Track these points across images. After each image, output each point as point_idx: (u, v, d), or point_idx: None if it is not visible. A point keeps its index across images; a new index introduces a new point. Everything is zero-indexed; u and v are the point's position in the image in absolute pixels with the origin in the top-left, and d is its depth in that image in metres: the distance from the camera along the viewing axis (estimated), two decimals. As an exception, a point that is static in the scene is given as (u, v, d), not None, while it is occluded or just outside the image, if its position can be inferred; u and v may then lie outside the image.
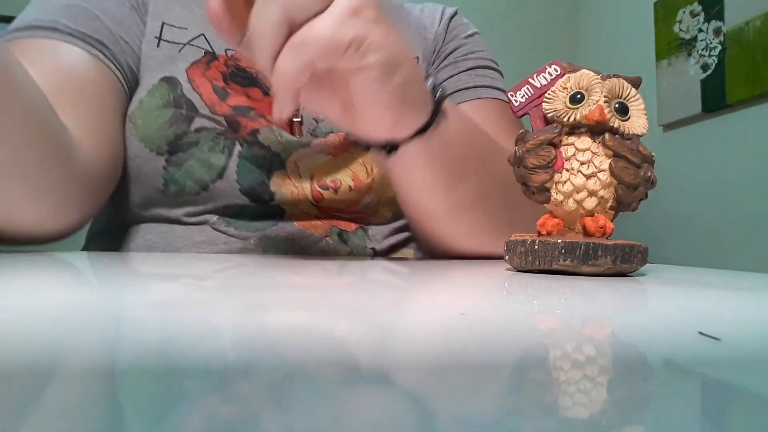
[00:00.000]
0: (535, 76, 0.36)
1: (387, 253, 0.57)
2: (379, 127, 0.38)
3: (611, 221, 0.33)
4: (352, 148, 0.55)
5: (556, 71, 0.35)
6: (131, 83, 0.53)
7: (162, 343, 0.13)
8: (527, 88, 0.36)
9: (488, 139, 0.48)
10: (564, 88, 0.34)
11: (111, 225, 0.57)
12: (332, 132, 0.55)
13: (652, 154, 0.33)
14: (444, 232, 0.48)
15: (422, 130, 0.40)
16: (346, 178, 0.55)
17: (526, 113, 0.36)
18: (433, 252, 0.53)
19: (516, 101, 0.36)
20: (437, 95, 0.40)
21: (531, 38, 2.21)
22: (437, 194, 0.44)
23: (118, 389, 0.10)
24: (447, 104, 0.42)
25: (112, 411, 0.09)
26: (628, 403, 0.10)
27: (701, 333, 0.15)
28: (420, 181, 0.43)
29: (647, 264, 0.34)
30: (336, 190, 0.54)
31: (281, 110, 0.33)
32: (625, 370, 0.13)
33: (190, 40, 0.55)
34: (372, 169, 0.55)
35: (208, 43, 0.55)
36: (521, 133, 0.35)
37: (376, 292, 0.23)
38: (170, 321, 0.16)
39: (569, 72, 0.35)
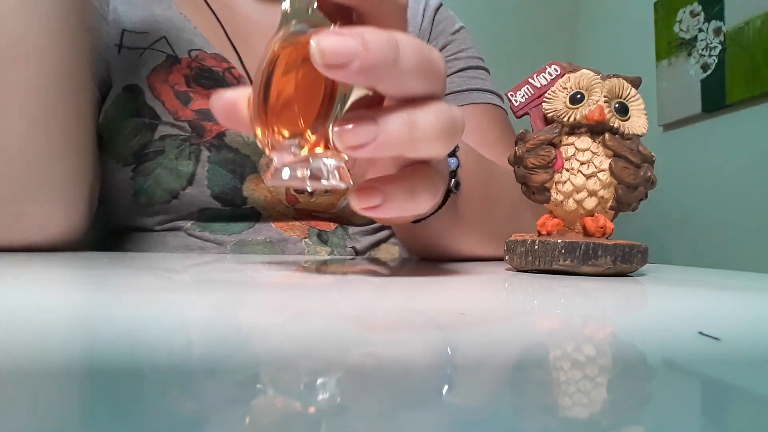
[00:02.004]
0: (535, 76, 0.36)
1: (368, 251, 0.56)
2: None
3: (611, 221, 0.33)
4: None
5: (556, 71, 0.35)
6: (104, 92, 0.53)
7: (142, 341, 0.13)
8: (527, 88, 0.36)
9: (492, 167, 0.46)
10: (564, 88, 0.34)
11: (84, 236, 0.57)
12: None
13: (652, 154, 0.33)
14: (447, 256, 0.45)
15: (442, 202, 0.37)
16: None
17: (526, 113, 0.36)
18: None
19: (516, 101, 0.36)
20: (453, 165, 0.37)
21: (531, 38, 2.21)
22: (453, 241, 0.43)
23: (92, 386, 0.10)
24: (461, 150, 0.39)
25: (80, 408, 0.09)
26: (628, 403, 0.10)
27: (701, 333, 0.15)
28: (437, 236, 0.41)
29: (647, 264, 0.34)
30: (311, 194, 0.53)
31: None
32: (625, 370, 0.13)
33: (151, 44, 0.54)
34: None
35: (170, 46, 0.54)
36: (521, 133, 0.35)
37: (375, 292, 0.23)
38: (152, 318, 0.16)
39: (569, 72, 0.35)
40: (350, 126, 0.23)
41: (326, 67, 0.21)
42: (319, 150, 0.25)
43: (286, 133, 0.26)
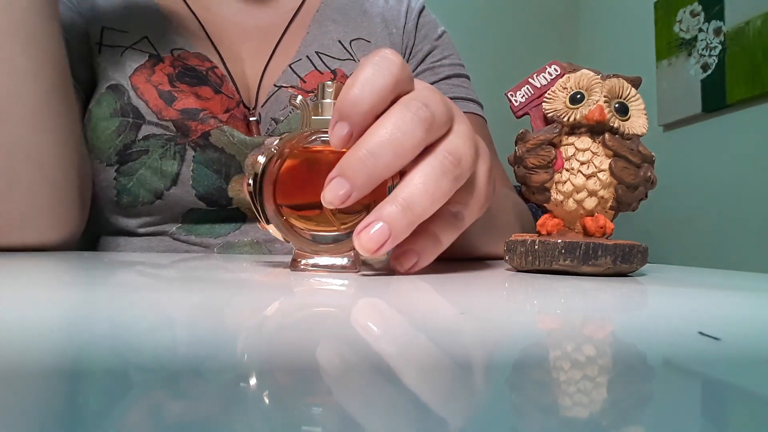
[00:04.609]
0: (535, 76, 0.36)
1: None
2: None
3: (611, 221, 0.33)
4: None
5: (556, 71, 0.35)
6: (89, 92, 0.53)
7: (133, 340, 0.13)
8: (527, 88, 0.36)
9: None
10: (564, 88, 0.34)
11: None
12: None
13: (652, 154, 0.33)
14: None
15: None
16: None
17: (526, 113, 0.36)
18: None
19: (516, 101, 0.36)
20: None
21: (531, 38, 2.21)
22: (474, 244, 0.44)
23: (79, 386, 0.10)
24: None
25: (68, 408, 0.09)
26: (628, 403, 0.10)
27: (701, 333, 0.15)
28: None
29: (647, 264, 0.34)
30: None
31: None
32: (625, 370, 0.13)
33: (132, 44, 0.53)
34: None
35: (152, 46, 0.54)
36: (521, 133, 0.35)
37: (372, 292, 0.23)
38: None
39: (569, 72, 0.35)
40: (367, 235, 0.27)
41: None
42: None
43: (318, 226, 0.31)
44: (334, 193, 0.26)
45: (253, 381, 0.10)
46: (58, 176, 0.44)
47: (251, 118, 0.54)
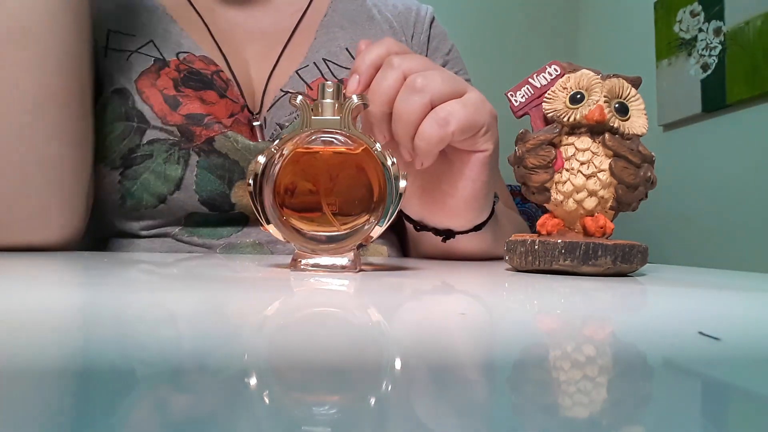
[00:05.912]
0: (535, 76, 0.36)
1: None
2: (459, 211, 0.44)
3: (611, 221, 0.33)
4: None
5: (556, 71, 0.35)
6: (94, 96, 0.52)
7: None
8: (527, 88, 0.36)
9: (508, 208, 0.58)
10: (564, 88, 0.34)
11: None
12: None
13: (652, 154, 0.33)
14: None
15: (480, 225, 0.46)
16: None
17: (526, 113, 0.36)
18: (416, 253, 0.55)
19: (516, 101, 0.36)
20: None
21: (531, 38, 2.21)
22: (477, 254, 0.50)
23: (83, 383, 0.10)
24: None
25: (74, 405, 0.09)
26: (628, 403, 0.10)
27: (701, 333, 0.15)
28: (465, 252, 0.48)
29: (647, 264, 0.34)
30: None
31: (422, 163, 0.39)
32: (625, 370, 0.13)
33: (138, 48, 0.53)
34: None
35: (157, 49, 0.54)
36: (521, 133, 0.35)
37: (374, 291, 0.23)
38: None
39: (569, 72, 0.35)
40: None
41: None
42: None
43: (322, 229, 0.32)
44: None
45: (253, 379, 0.11)
46: (68, 178, 0.44)
47: (255, 123, 0.54)
